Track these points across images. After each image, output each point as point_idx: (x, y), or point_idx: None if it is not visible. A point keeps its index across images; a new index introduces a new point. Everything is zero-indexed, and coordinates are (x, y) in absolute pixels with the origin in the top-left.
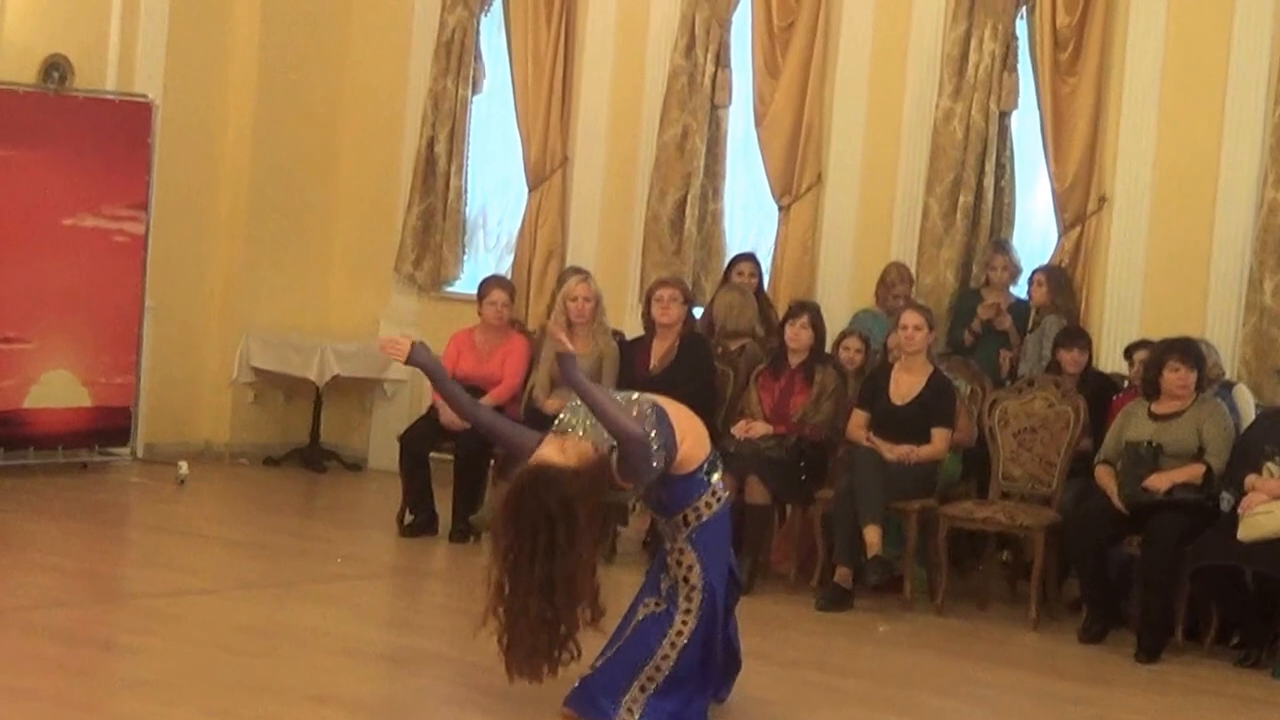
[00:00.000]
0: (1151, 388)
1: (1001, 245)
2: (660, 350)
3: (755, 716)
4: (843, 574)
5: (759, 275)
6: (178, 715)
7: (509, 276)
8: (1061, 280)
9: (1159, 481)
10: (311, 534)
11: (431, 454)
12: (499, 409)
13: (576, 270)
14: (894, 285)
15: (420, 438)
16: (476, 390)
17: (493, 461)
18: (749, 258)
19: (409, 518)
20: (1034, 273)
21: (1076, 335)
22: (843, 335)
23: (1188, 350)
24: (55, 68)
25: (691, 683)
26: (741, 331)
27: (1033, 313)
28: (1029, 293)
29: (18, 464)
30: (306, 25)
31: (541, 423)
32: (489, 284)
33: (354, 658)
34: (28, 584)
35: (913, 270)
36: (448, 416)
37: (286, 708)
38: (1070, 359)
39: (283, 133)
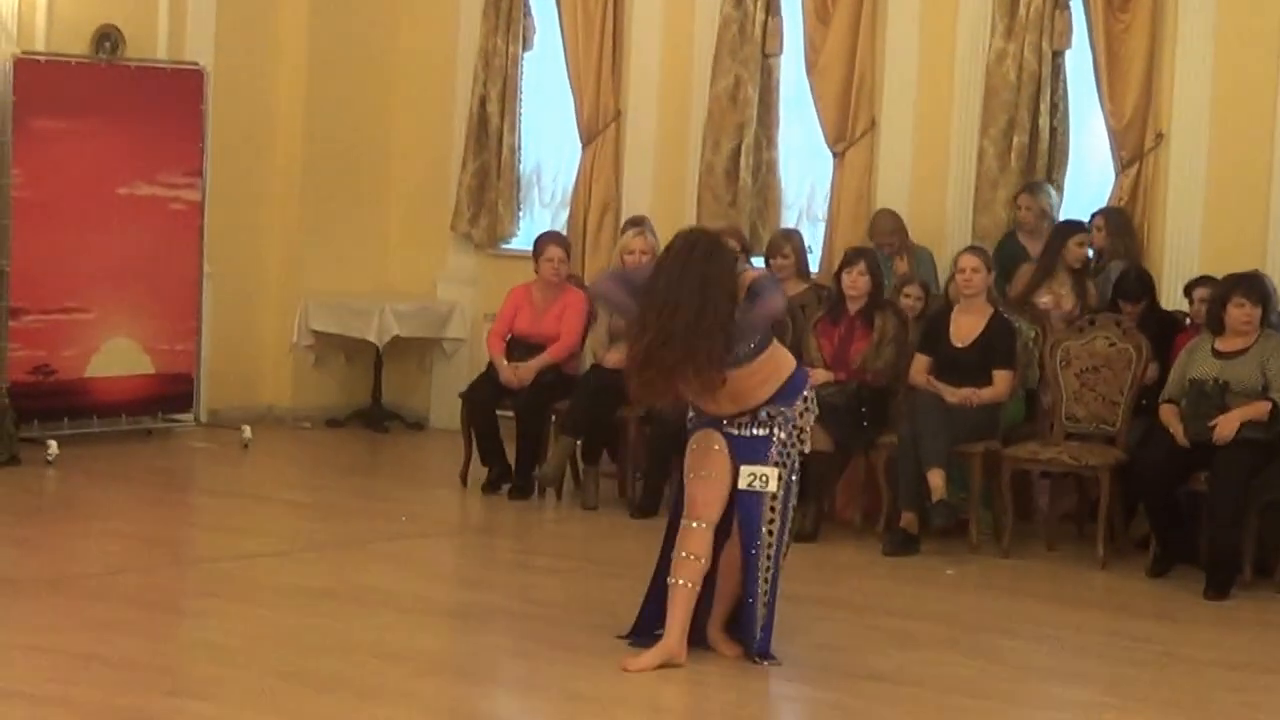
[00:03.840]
0: (1216, 323)
1: (1031, 186)
2: None
3: (825, 662)
4: (908, 519)
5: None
6: (248, 677)
7: (564, 232)
8: (1121, 222)
9: (1227, 426)
10: (376, 494)
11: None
12: (556, 367)
13: (635, 222)
14: (884, 235)
15: (483, 395)
16: (534, 347)
17: (554, 416)
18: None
19: (486, 473)
20: (1093, 216)
21: (1132, 286)
22: (902, 282)
23: (1253, 285)
24: (106, 38)
25: None
26: None
27: (1095, 258)
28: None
29: (82, 432)
30: None
31: (605, 379)
32: (545, 240)
33: (422, 615)
34: (95, 551)
35: (970, 212)
36: (507, 375)
37: (355, 666)
38: (1128, 310)
39: (335, 95)
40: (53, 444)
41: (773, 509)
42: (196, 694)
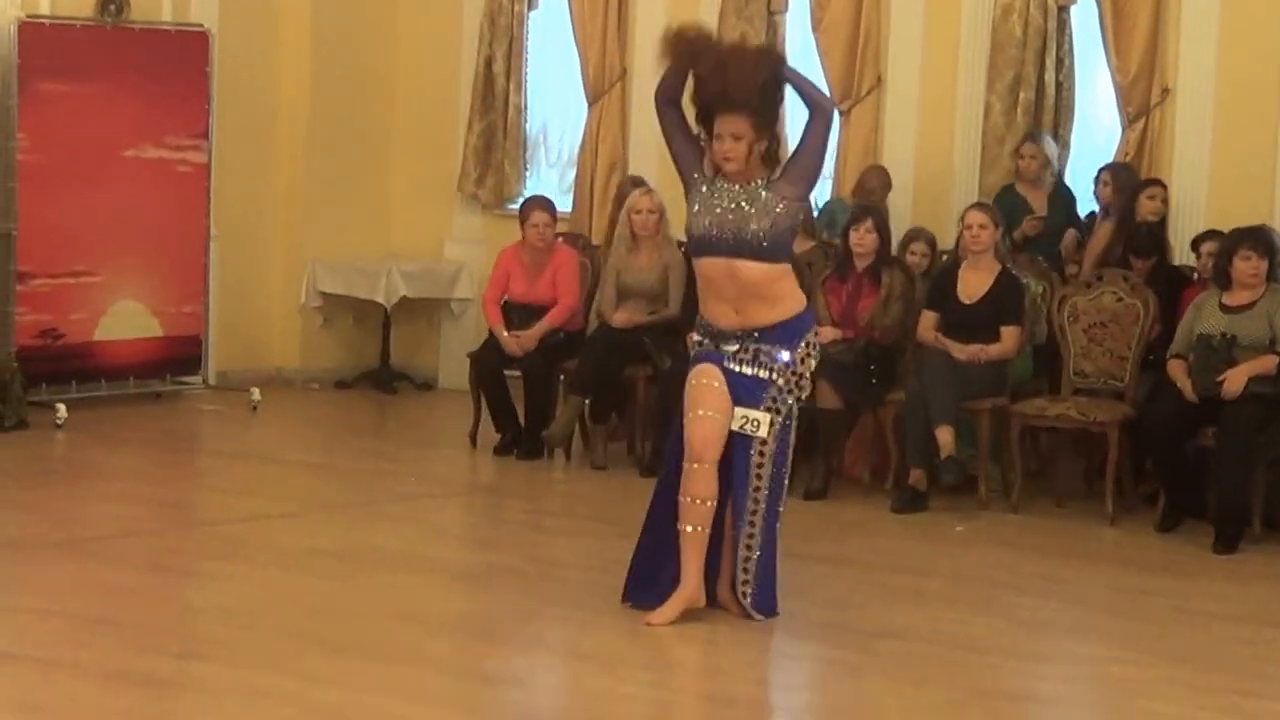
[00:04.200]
0: (1222, 277)
1: (1032, 135)
2: None
3: (833, 619)
4: (916, 476)
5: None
6: (258, 639)
7: (571, 192)
8: (1128, 177)
9: (1235, 381)
10: (385, 455)
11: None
12: (557, 331)
13: (636, 181)
14: (873, 192)
15: (491, 359)
16: (532, 311)
17: (562, 376)
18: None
19: (499, 437)
20: (1100, 171)
21: (1144, 242)
22: (908, 239)
23: (1259, 238)
24: (111, 0)
25: None
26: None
27: (1101, 213)
28: (1095, 192)
29: (90, 396)
30: None
31: (613, 338)
32: (530, 206)
33: (431, 575)
34: (105, 514)
35: (976, 168)
36: (510, 346)
37: (366, 628)
38: (1138, 266)
39: (340, 56)
40: (61, 408)
41: (761, 454)
42: (206, 656)
